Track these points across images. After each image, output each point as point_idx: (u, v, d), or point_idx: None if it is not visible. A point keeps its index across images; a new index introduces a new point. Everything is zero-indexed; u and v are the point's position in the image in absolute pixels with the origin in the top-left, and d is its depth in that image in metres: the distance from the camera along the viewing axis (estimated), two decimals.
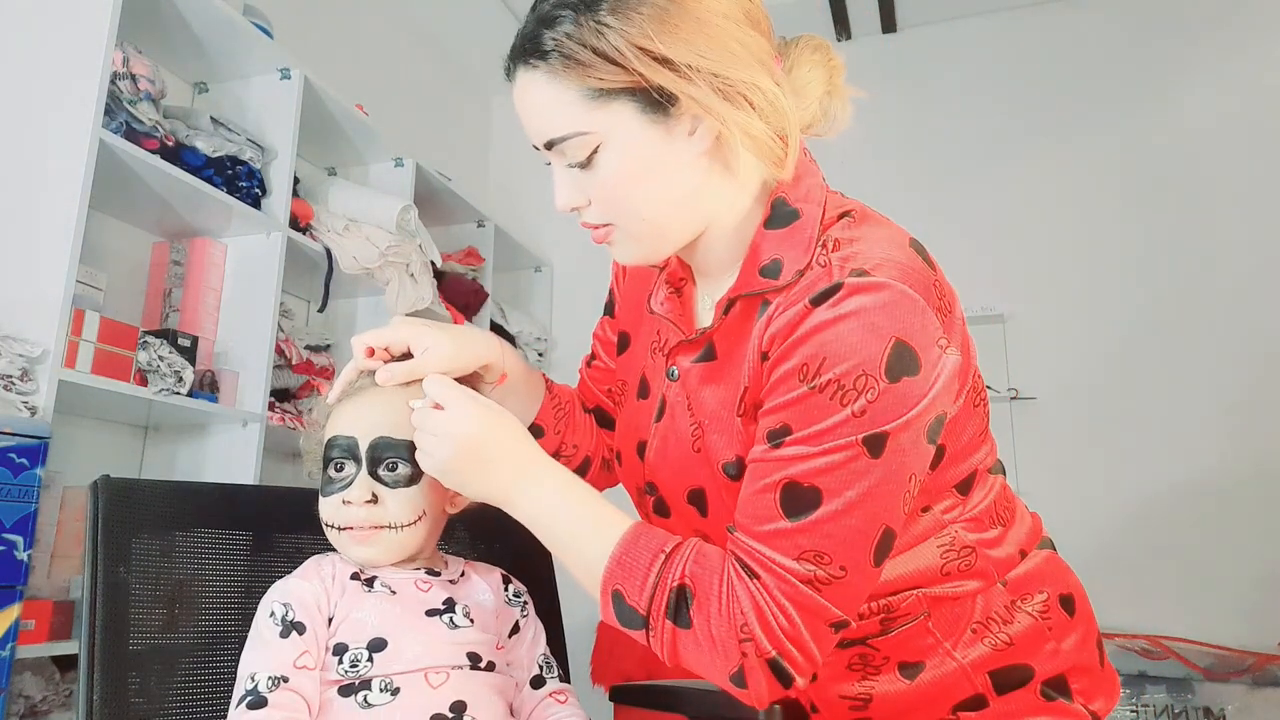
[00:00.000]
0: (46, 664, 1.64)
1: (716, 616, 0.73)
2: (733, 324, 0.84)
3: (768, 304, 0.80)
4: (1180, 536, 2.58)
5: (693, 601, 0.74)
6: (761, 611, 0.72)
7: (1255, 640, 2.37)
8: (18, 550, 1.38)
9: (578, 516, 0.80)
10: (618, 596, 0.77)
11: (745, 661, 0.72)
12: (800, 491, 0.73)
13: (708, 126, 0.79)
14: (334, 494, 0.88)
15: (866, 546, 0.73)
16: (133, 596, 0.88)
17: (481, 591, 0.94)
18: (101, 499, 0.89)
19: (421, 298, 2.55)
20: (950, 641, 0.85)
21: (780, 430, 0.75)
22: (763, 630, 0.72)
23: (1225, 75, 2.86)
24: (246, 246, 2.12)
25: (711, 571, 0.75)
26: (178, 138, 1.95)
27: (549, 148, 0.81)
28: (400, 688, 0.81)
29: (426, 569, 0.91)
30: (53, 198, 1.63)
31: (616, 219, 0.82)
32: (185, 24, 2.03)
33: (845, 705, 0.87)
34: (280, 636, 0.82)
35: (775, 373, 0.76)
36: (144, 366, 1.78)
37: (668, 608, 0.75)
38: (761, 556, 0.74)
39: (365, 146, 2.65)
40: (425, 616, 0.87)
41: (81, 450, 1.87)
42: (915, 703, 0.85)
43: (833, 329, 0.73)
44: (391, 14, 3.19)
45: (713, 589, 0.74)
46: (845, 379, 0.72)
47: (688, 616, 0.74)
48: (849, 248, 0.78)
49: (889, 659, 0.86)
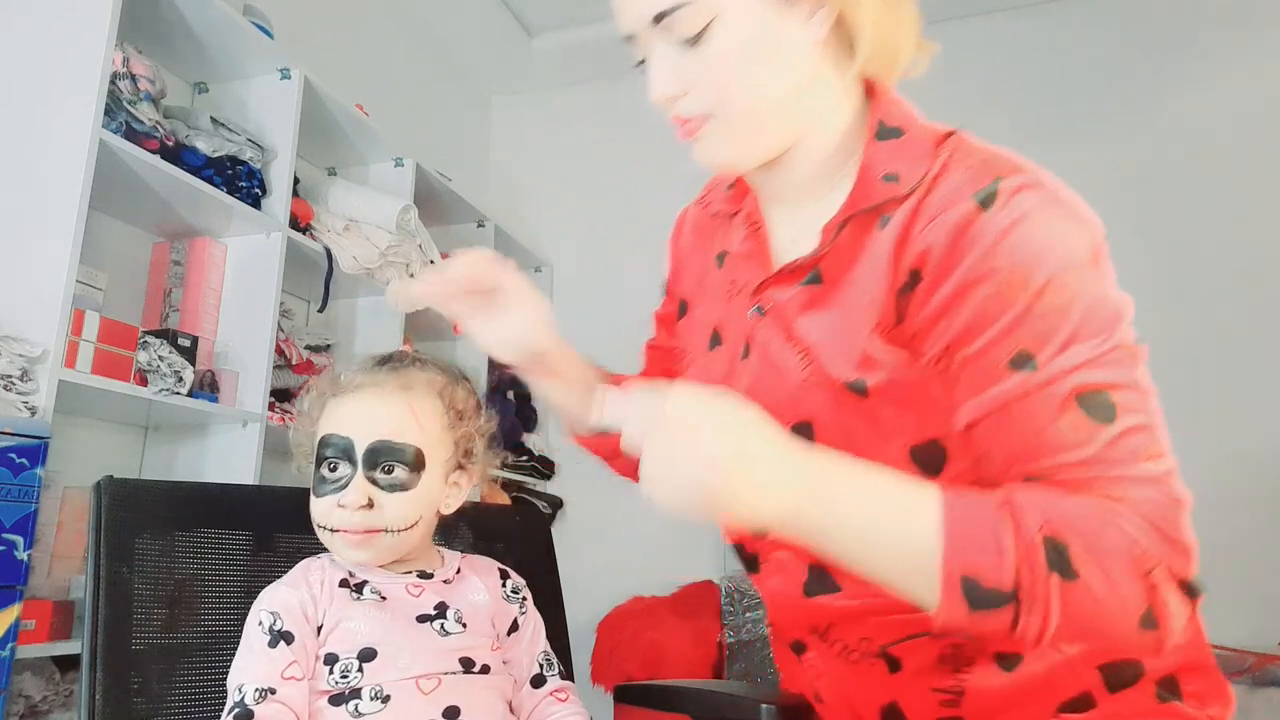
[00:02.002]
0: (46, 664, 1.64)
1: (1108, 551, 0.63)
2: (844, 245, 0.78)
3: (887, 219, 0.75)
4: None
5: (1070, 546, 0.63)
6: (1154, 523, 0.63)
7: (1255, 640, 2.37)
8: (18, 550, 1.38)
9: (874, 514, 0.66)
10: (970, 583, 0.63)
11: (1153, 595, 0.63)
12: (1094, 400, 0.66)
13: (829, 10, 0.75)
14: (328, 495, 0.86)
15: (1160, 428, 0.68)
16: (135, 596, 0.88)
17: (476, 591, 0.92)
18: (105, 499, 0.89)
19: None
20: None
21: (1022, 355, 0.67)
22: (1167, 545, 0.63)
23: (1227, 76, 2.86)
24: (246, 246, 2.12)
25: (1071, 510, 0.64)
26: (178, 138, 1.95)
27: (658, 20, 0.76)
28: (391, 695, 0.81)
29: (419, 571, 0.90)
30: (53, 198, 1.63)
31: (717, 108, 0.77)
32: (185, 24, 2.03)
33: (936, 700, 0.79)
34: (269, 646, 0.82)
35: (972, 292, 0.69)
36: (144, 366, 1.78)
37: (1047, 561, 0.62)
38: (1103, 478, 0.65)
39: (365, 146, 2.65)
40: (415, 623, 0.86)
41: (81, 450, 1.87)
42: (1014, 698, 0.76)
43: (1021, 231, 0.68)
44: (391, 14, 3.19)
45: (1087, 522, 0.63)
46: (1062, 279, 0.67)
47: (1072, 567, 0.62)
48: (977, 155, 0.73)
49: (985, 648, 0.77)
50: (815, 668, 0.86)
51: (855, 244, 0.78)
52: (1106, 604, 0.63)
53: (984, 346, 0.69)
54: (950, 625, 0.65)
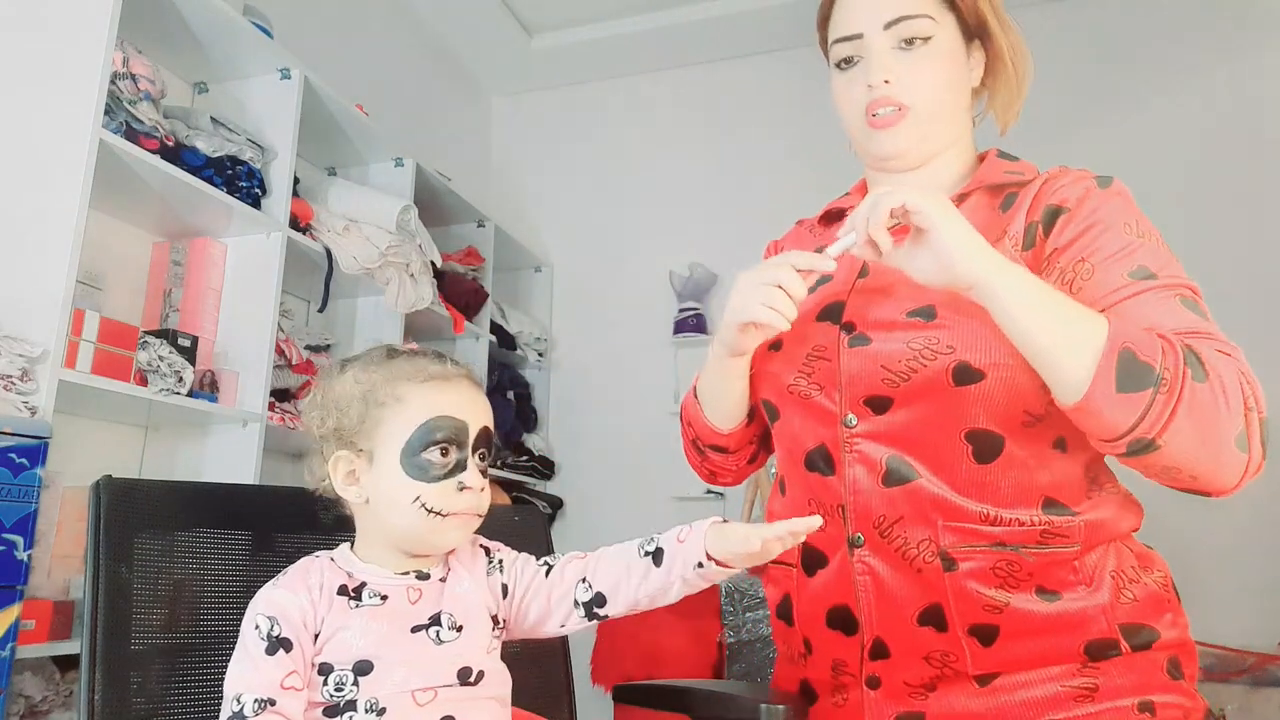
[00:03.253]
0: (46, 664, 1.64)
1: (1227, 373, 0.81)
2: (967, 210, 0.97)
3: (1012, 198, 0.98)
4: (1180, 537, 2.57)
5: (1203, 358, 0.81)
6: (1245, 375, 0.82)
7: (1255, 640, 2.37)
8: (18, 550, 1.38)
9: (1061, 300, 0.85)
10: (1128, 355, 0.79)
11: (1250, 419, 0.80)
12: (1192, 303, 0.87)
13: (980, 67, 1.04)
14: (443, 479, 0.85)
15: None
16: (134, 596, 0.88)
17: (463, 583, 0.90)
18: (104, 499, 0.89)
19: (421, 298, 2.55)
20: (1090, 585, 0.89)
21: (1141, 269, 0.88)
22: (1255, 393, 0.82)
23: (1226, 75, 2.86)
24: (246, 246, 2.12)
25: (1199, 341, 0.83)
26: (178, 138, 1.95)
27: (891, 25, 0.98)
28: (386, 708, 0.81)
29: (416, 572, 0.89)
30: (53, 198, 1.63)
31: (916, 99, 0.98)
32: (185, 24, 2.03)
33: (980, 604, 0.89)
34: (266, 654, 0.80)
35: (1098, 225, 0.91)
36: (144, 366, 1.78)
37: (1185, 360, 0.79)
38: (1212, 337, 0.84)
39: (365, 146, 2.65)
40: (410, 634, 0.85)
41: (81, 450, 1.87)
42: (1047, 626, 0.88)
43: (1124, 200, 0.94)
44: (391, 14, 3.19)
45: (1210, 352, 0.82)
46: (1155, 233, 0.92)
47: (1204, 370, 0.80)
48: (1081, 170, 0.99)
49: (1032, 576, 0.88)
50: (864, 564, 0.94)
51: (981, 209, 0.99)
52: (1220, 411, 0.79)
53: (1109, 260, 0.89)
54: (1093, 400, 0.79)
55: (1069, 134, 2.94)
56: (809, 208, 1.20)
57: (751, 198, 3.28)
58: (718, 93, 3.49)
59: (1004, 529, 0.88)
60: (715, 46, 3.42)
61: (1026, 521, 0.88)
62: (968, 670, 0.89)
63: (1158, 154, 2.85)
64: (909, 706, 0.92)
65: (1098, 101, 2.97)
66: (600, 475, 3.29)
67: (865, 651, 0.94)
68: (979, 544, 0.88)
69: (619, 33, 3.38)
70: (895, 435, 0.92)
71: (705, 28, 3.32)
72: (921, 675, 0.91)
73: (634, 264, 3.45)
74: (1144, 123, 2.92)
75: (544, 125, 3.76)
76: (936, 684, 0.91)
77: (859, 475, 0.94)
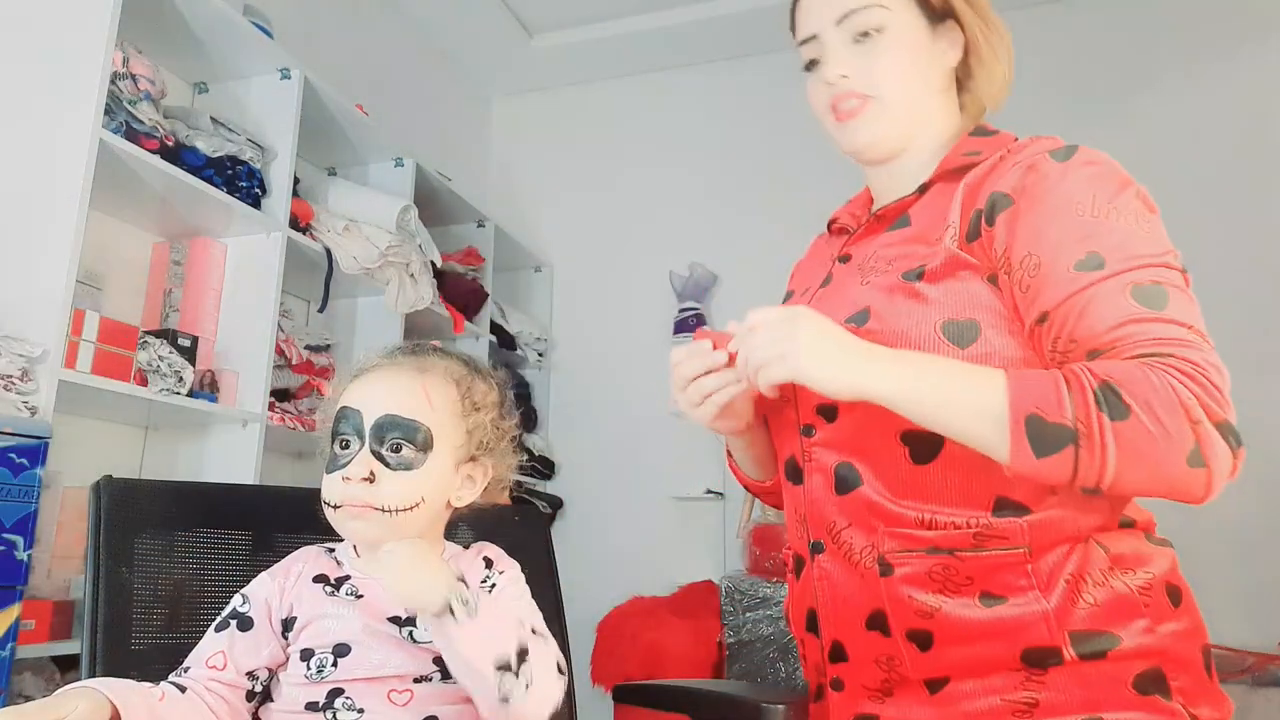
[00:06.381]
0: (46, 664, 1.64)
1: (1155, 394, 0.74)
2: (929, 200, 0.97)
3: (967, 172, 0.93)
4: (1179, 537, 2.57)
5: (1121, 390, 0.74)
6: (1192, 376, 0.74)
7: (1255, 640, 2.37)
8: (18, 550, 1.38)
9: (947, 371, 0.82)
10: (1035, 420, 0.76)
11: (1199, 431, 0.74)
12: (1148, 291, 0.80)
13: (960, 47, 1.00)
14: (335, 471, 0.86)
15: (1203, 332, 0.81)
16: (134, 596, 0.88)
17: None
18: (104, 499, 0.89)
19: (421, 298, 2.55)
20: (1044, 589, 0.83)
21: (1091, 257, 0.82)
22: (1206, 393, 0.74)
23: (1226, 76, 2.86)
24: (246, 246, 2.12)
25: (1120, 368, 0.76)
26: (178, 138, 1.95)
27: (842, 21, 0.97)
28: (364, 709, 0.81)
29: None
30: (53, 198, 1.63)
31: (879, 89, 0.97)
32: (185, 24, 2.03)
33: (913, 610, 0.87)
34: (215, 630, 0.86)
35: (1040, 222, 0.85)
36: (144, 366, 1.78)
37: (1098, 404, 0.74)
38: (1157, 339, 0.77)
39: (365, 146, 2.65)
40: (388, 623, 0.85)
41: (81, 450, 1.86)
42: (982, 632, 0.83)
43: (1089, 170, 0.87)
44: (391, 14, 3.19)
45: (1135, 373, 0.75)
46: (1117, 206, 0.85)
47: (1123, 405, 0.74)
48: (1056, 139, 0.91)
49: (972, 580, 0.84)
50: (822, 570, 0.95)
51: (936, 200, 0.95)
52: (1157, 440, 0.74)
53: (1057, 250, 0.83)
54: (1021, 467, 0.77)
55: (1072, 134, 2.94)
56: (809, 208, 1.21)
57: (751, 198, 3.28)
58: (718, 93, 3.49)
59: (939, 533, 0.86)
60: (715, 46, 3.42)
61: (963, 524, 0.86)
62: (910, 675, 0.88)
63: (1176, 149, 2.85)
64: (866, 710, 0.92)
65: (1099, 102, 2.96)
66: (600, 475, 3.29)
67: (825, 654, 0.95)
68: (915, 549, 0.87)
69: (619, 33, 3.38)
70: (844, 443, 0.93)
71: (705, 28, 3.32)
72: (874, 678, 0.91)
73: (634, 264, 3.45)
74: (1163, 118, 2.92)
75: (544, 125, 3.75)
76: (892, 689, 0.90)
77: (816, 484, 0.95)
